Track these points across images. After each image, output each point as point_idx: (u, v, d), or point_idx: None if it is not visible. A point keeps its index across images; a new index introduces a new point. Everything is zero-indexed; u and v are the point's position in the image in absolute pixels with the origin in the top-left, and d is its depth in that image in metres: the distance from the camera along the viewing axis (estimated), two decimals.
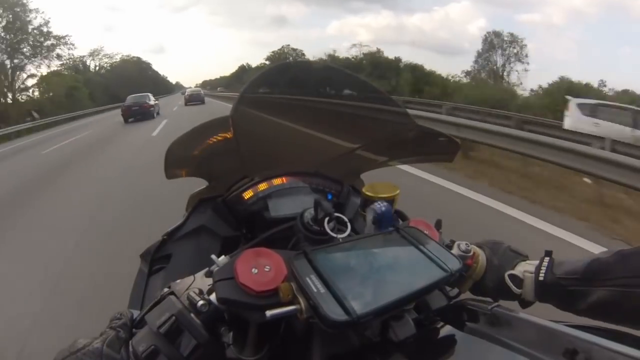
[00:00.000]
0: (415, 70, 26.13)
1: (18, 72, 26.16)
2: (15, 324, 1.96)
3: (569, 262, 0.50)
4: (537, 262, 0.53)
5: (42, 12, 32.31)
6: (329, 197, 0.71)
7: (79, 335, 0.41)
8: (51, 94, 26.13)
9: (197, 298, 0.40)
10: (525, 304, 0.53)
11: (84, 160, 7.30)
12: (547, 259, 0.52)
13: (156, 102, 17.39)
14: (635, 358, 0.34)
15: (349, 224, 0.53)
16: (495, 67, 29.72)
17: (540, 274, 0.50)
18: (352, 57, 30.49)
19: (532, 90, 24.48)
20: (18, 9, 26.34)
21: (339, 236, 0.50)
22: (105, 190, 4.65)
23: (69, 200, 4.44)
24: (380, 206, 0.55)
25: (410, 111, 0.71)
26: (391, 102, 0.71)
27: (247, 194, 0.69)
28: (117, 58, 49.24)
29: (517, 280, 0.53)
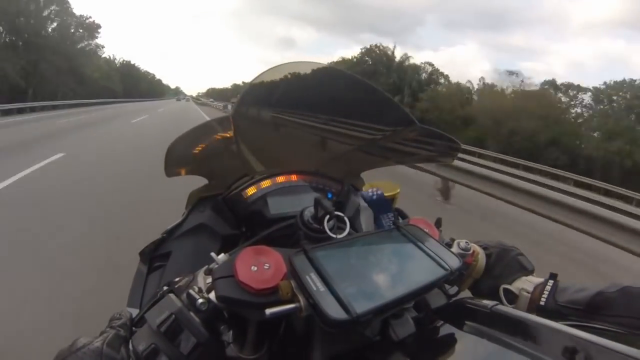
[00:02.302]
0: None
1: None
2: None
3: (573, 289, 0.49)
4: (537, 280, 0.53)
5: None
6: (329, 196, 0.71)
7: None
8: None
9: (197, 296, 0.40)
10: None
11: None
12: (551, 281, 0.51)
13: None
14: (634, 358, 0.33)
15: (347, 223, 0.53)
16: None
17: (542, 298, 0.49)
18: None
19: None
20: None
21: (338, 236, 0.50)
22: None
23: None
24: (372, 193, 0.55)
25: None
26: (392, 103, 0.71)
27: (247, 192, 0.69)
28: None
29: (511, 296, 0.52)
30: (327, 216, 0.51)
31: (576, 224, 3.31)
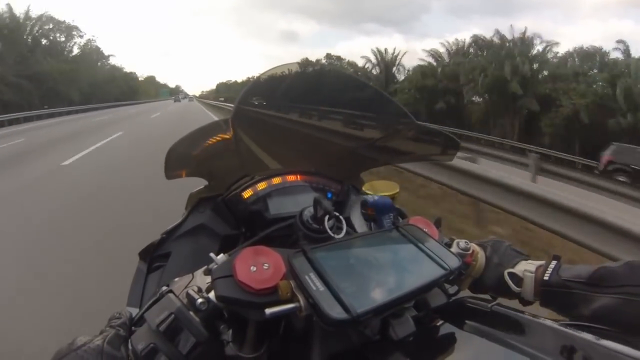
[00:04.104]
0: None
1: None
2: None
3: (576, 267, 0.50)
4: (538, 262, 0.53)
5: None
6: (329, 195, 0.71)
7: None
8: None
9: (196, 296, 0.40)
10: (525, 302, 0.53)
11: None
12: (554, 262, 0.51)
13: None
14: (633, 357, 0.34)
15: (344, 224, 0.53)
16: None
17: (546, 274, 0.50)
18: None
19: None
20: None
21: (337, 236, 0.51)
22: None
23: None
24: (373, 196, 0.56)
25: None
26: (392, 103, 0.71)
27: (247, 193, 0.69)
28: None
29: (516, 279, 0.53)
30: (327, 216, 0.51)
31: None
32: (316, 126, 0.78)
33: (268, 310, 0.37)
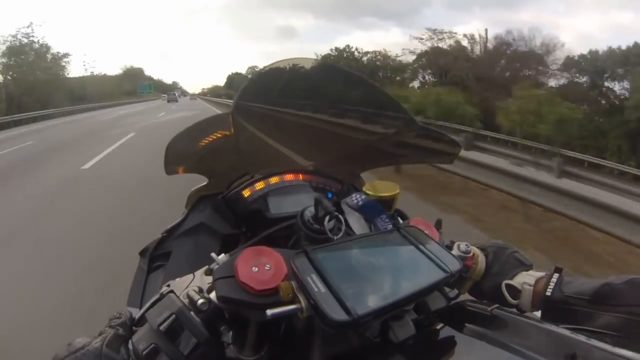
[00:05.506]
0: None
1: None
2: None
3: (578, 282, 0.49)
4: (538, 274, 0.53)
5: None
6: (329, 195, 0.71)
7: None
8: None
9: (197, 296, 0.40)
10: (522, 312, 0.53)
11: None
12: (556, 275, 0.51)
13: None
14: None
15: (343, 224, 0.53)
16: None
17: (548, 289, 0.49)
18: None
19: None
20: None
21: (336, 237, 0.50)
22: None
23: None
24: (357, 199, 0.55)
25: None
26: (393, 102, 0.71)
27: (247, 192, 0.68)
28: None
29: (514, 291, 0.52)
30: (328, 216, 0.51)
31: None
32: (317, 123, 0.78)
33: (269, 312, 0.37)
